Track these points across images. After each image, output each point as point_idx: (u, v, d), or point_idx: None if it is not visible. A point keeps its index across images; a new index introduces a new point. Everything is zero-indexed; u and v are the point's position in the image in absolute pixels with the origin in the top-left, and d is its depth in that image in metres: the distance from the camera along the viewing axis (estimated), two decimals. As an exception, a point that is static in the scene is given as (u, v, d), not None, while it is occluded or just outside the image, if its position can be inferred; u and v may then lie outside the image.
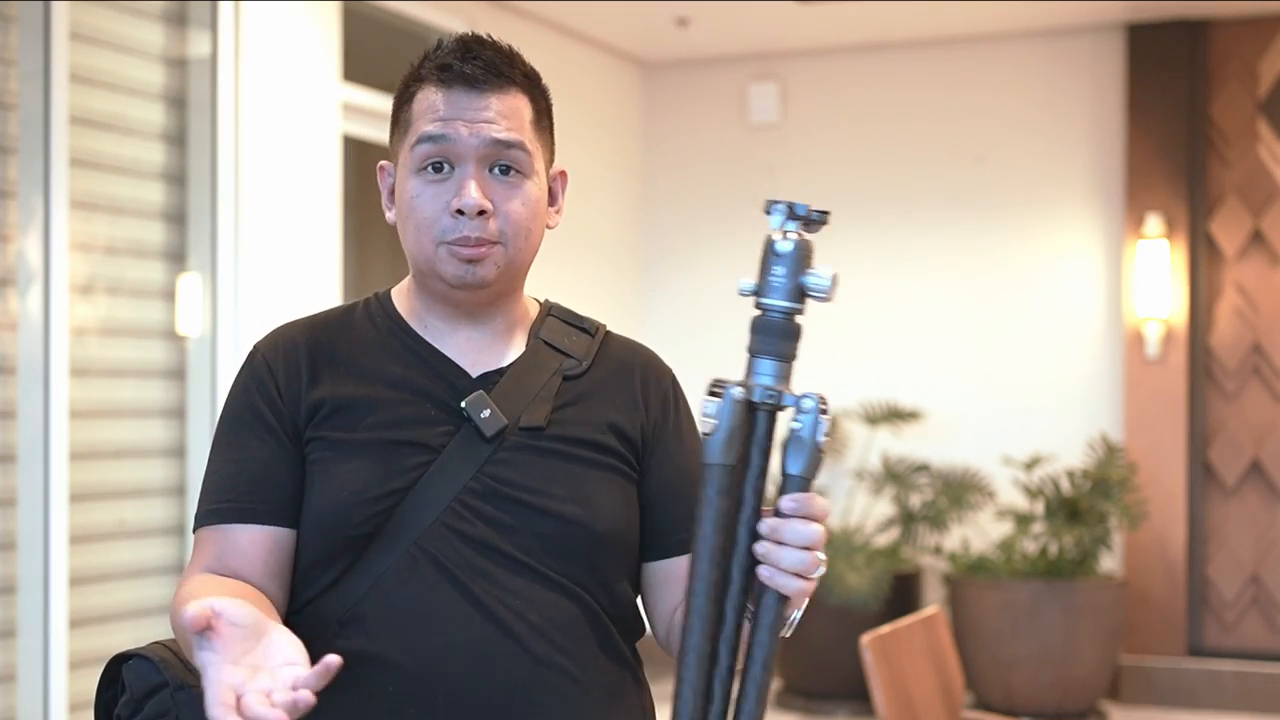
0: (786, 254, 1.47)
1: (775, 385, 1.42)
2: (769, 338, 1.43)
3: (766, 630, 1.42)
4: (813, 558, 1.43)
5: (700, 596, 1.39)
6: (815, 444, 1.42)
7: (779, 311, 1.43)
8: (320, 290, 5.11)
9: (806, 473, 1.43)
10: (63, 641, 4.18)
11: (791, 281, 1.45)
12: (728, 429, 1.41)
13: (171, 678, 1.70)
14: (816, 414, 1.43)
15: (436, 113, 1.66)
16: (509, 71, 1.68)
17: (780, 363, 1.43)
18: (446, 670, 1.58)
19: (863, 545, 6.41)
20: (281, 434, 1.66)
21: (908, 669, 3.15)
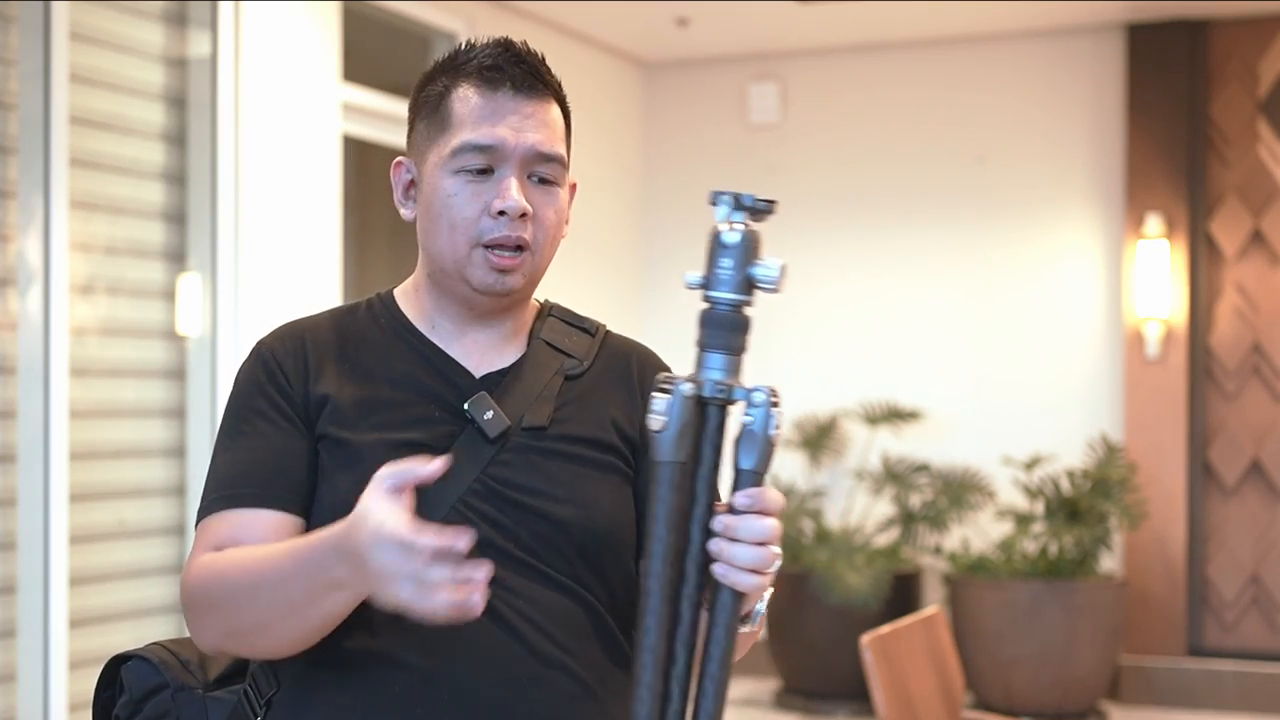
0: (733, 245, 1.43)
1: (725, 379, 1.40)
2: (717, 331, 1.40)
3: (723, 628, 1.40)
4: (767, 553, 1.42)
5: (655, 596, 1.38)
6: (767, 437, 1.40)
7: (727, 304, 1.41)
8: (320, 290, 5.11)
9: (759, 467, 1.41)
10: (63, 641, 4.18)
11: (739, 273, 1.43)
12: (678, 425, 1.39)
13: (171, 679, 1.70)
14: (768, 407, 1.40)
15: (483, 118, 1.65)
16: (549, 79, 1.71)
17: (730, 356, 1.41)
18: (452, 670, 1.58)
19: (863, 545, 6.42)
20: (296, 421, 1.66)
21: (908, 669, 3.15)
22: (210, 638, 1.61)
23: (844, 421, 6.96)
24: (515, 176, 1.65)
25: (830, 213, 7.18)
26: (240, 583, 1.55)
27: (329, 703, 1.61)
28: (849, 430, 6.97)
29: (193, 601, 1.60)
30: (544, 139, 1.66)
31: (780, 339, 7.22)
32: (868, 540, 6.54)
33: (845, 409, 6.95)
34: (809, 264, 7.21)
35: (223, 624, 1.58)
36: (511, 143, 1.64)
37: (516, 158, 1.65)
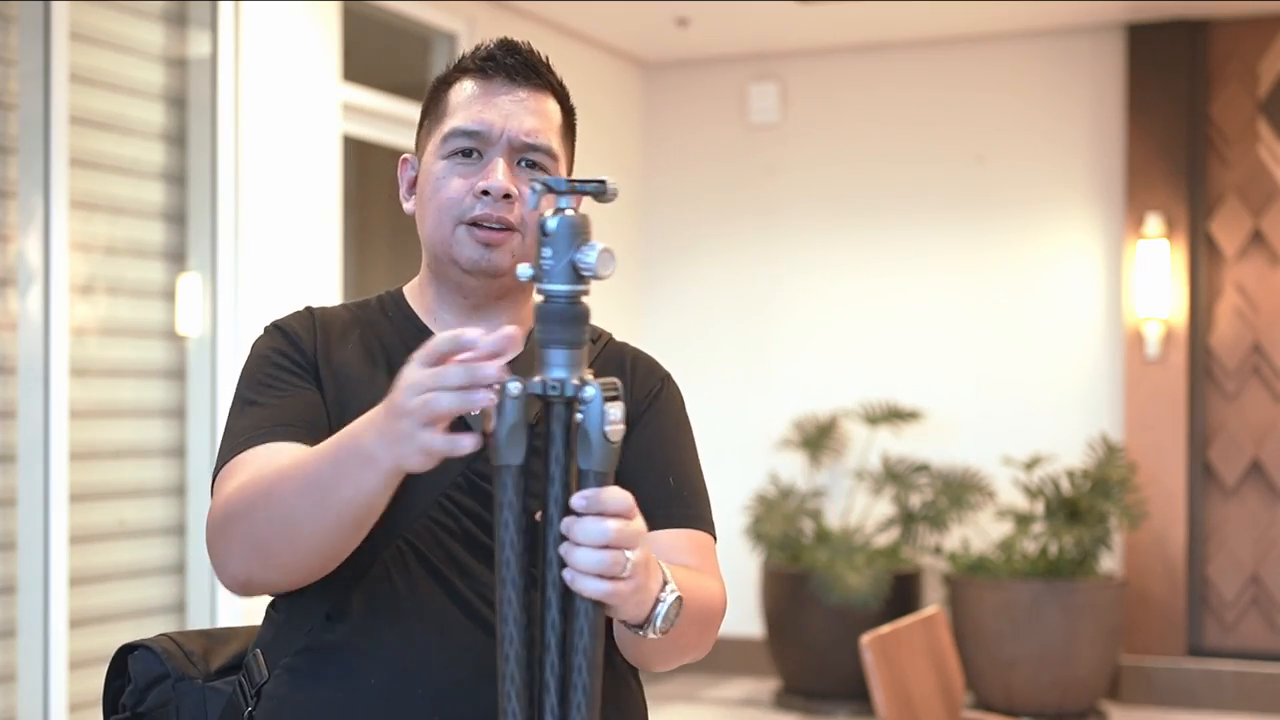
0: (553, 233, 1.32)
1: (564, 375, 1.32)
2: (550, 325, 1.32)
3: (585, 637, 1.32)
4: (613, 556, 1.32)
5: (509, 621, 1.31)
6: (602, 434, 1.31)
7: (559, 297, 1.31)
8: (320, 290, 5.11)
9: (599, 466, 1.32)
10: (63, 641, 4.18)
11: (562, 262, 1.32)
12: (507, 426, 1.32)
13: (172, 668, 1.73)
14: (600, 403, 1.31)
15: (474, 103, 1.69)
16: (546, 74, 1.74)
17: (569, 350, 1.32)
18: (428, 663, 1.60)
19: (863, 545, 6.42)
20: (312, 382, 1.67)
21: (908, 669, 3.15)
22: (237, 563, 1.56)
23: (844, 421, 6.96)
24: (501, 158, 1.68)
25: (830, 213, 7.18)
26: (268, 486, 1.51)
27: (312, 694, 1.62)
28: (849, 430, 6.97)
29: (224, 522, 1.56)
30: (534, 127, 1.70)
31: (780, 339, 7.22)
32: (868, 540, 6.54)
33: (845, 409, 6.95)
34: (808, 264, 7.21)
35: (251, 540, 1.53)
36: (499, 127, 1.68)
37: (504, 142, 1.68)
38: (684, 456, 1.76)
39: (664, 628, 1.46)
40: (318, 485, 1.46)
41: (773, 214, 7.26)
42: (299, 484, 1.48)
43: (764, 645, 6.63)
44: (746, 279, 7.27)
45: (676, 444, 1.76)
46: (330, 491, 1.45)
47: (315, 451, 1.48)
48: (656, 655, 1.63)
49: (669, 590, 1.47)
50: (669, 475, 1.72)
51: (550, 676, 1.32)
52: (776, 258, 7.25)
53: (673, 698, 6.46)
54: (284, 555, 1.53)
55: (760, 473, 7.03)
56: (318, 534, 1.49)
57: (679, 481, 1.72)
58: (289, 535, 1.50)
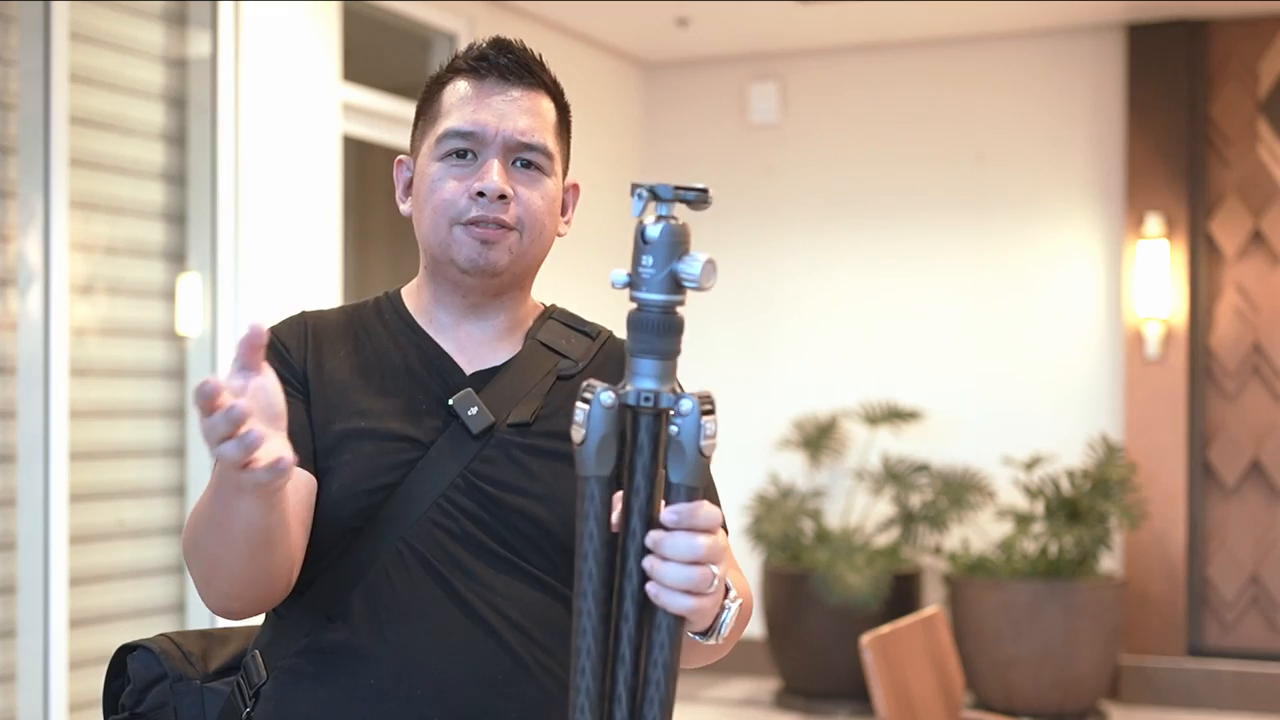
0: (654, 241, 1.28)
1: (655, 386, 1.28)
2: (644, 335, 1.28)
3: (663, 651, 1.29)
4: (701, 572, 1.30)
5: (587, 633, 1.28)
6: (697, 448, 1.29)
7: (655, 306, 1.28)
8: (320, 290, 5.11)
9: (690, 480, 1.30)
10: (63, 641, 4.18)
11: (663, 271, 1.28)
12: (599, 437, 1.28)
13: (170, 669, 1.73)
14: (697, 416, 1.28)
15: (467, 104, 1.69)
16: (540, 72, 1.73)
17: (661, 361, 1.28)
18: (427, 665, 1.60)
19: (863, 545, 6.42)
20: (299, 392, 1.68)
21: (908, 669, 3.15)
22: (201, 593, 1.62)
23: (844, 421, 6.96)
24: (496, 159, 1.68)
25: (830, 213, 7.18)
26: (193, 526, 1.57)
27: (310, 694, 1.63)
28: (849, 430, 6.97)
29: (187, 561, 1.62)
30: (528, 126, 1.69)
31: (780, 339, 7.22)
32: (868, 540, 6.54)
33: (845, 409, 6.95)
34: (809, 264, 7.21)
35: (198, 574, 1.59)
36: (493, 127, 1.68)
37: (498, 143, 1.68)
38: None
39: (726, 635, 1.46)
40: (215, 521, 1.50)
41: (773, 214, 7.26)
42: (206, 523, 1.53)
43: (764, 645, 6.63)
44: (746, 279, 7.27)
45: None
46: (225, 524, 1.49)
47: (209, 488, 1.52)
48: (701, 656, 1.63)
49: (732, 598, 1.46)
50: None
51: (623, 688, 1.30)
52: (776, 258, 7.24)
53: (673, 698, 6.46)
54: (226, 586, 1.57)
55: (760, 473, 7.03)
56: (237, 563, 1.53)
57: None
58: (218, 570, 1.55)
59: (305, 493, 1.63)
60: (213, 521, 1.50)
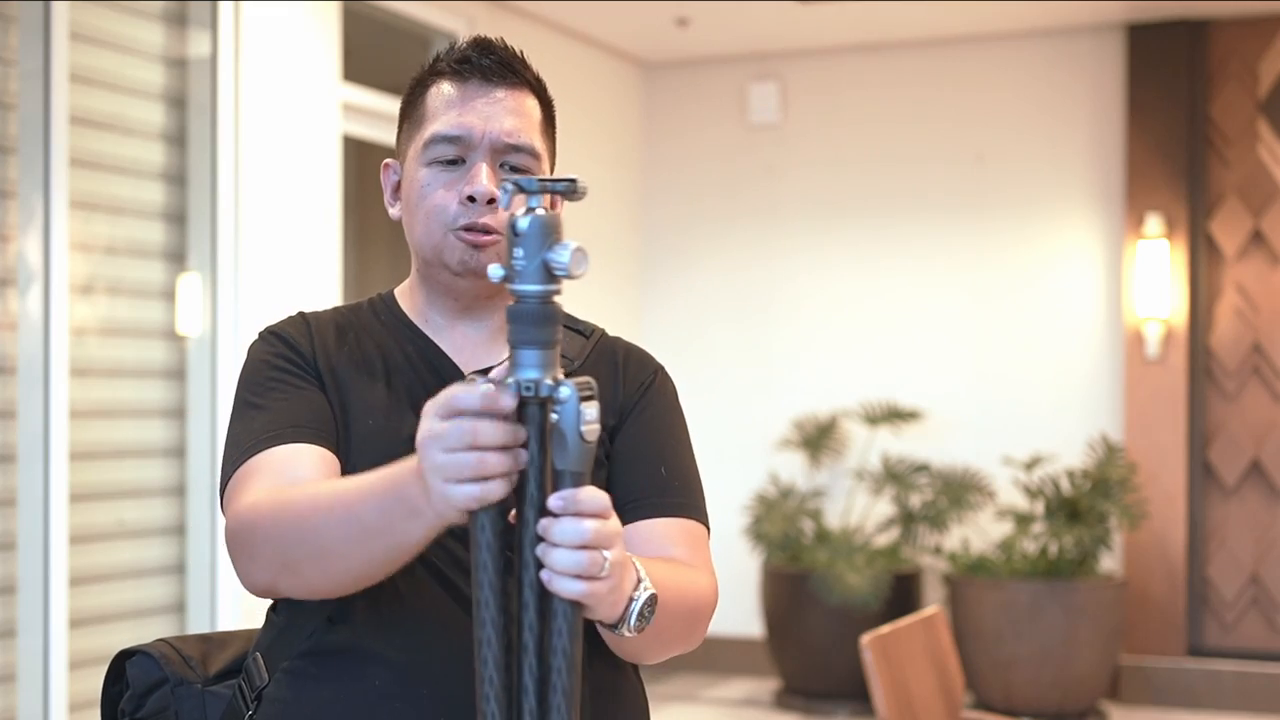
0: (524, 233, 1.30)
1: (537, 375, 1.30)
2: (523, 326, 1.31)
3: (562, 638, 1.31)
4: (590, 557, 1.30)
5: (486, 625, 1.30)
6: (577, 434, 1.30)
7: (532, 297, 1.31)
8: (320, 290, 5.11)
9: (575, 466, 1.31)
10: (63, 641, 4.18)
11: (534, 261, 1.31)
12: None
13: (171, 673, 1.72)
14: (576, 402, 1.30)
15: (452, 107, 1.69)
16: (523, 71, 1.72)
17: (543, 350, 1.31)
18: (432, 665, 1.59)
19: (863, 545, 6.42)
20: (314, 381, 1.67)
21: (908, 669, 3.15)
22: (262, 573, 1.56)
23: (844, 421, 6.96)
24: (484, 163, 1.67)
25: (830, 213, 7.18)
26: (307, 510, 1.50)
27: (313, 696, 1.62)
28: (849, 430, 6.97)
29: (247, 535, 1.55)
30: (514, 127, 1.68)
31: (780, 339, 7.22)
32: (868, 540, 6.54)
33: (845, 409, 6.95)
34: (809, 263, 7.21)
35: (280, 556, 1.52)
36: (479, 130, 1.67)
37: (486, 145, 1.67)
38: (677, 447, 1.75)
39: (638, 626, 1.45)
40: (362, 526, 1.45)
41: (773, 214, 7.26)
42: (340, 520, 1.47)
43: (764, 645, 6.63)
44: (746, 279, 7.27)
45: (669, 434, 1.76)
46: (374, 534, 1.44)
47: (358, 489, 1.47)
48: (641, 649, 1.62)
49: (643, 588, 1.46)
50: (660, 465, 1.72)
51: (529, 678, 1.31)
52: (776, 258, 7.24)
53: (673, 698, 6.46)
54: (315, 578, 1.53)
55: (760, 473, 7.03)
56: (355, 567, 1.49)
57: (670, 471, 1.72)
58: (323, 563, 1.50)
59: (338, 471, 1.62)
60: (358, 528, 1.45)
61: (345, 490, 1.49)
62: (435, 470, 1.32)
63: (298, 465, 1.58)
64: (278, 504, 1.53)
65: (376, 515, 1.43)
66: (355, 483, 1.49)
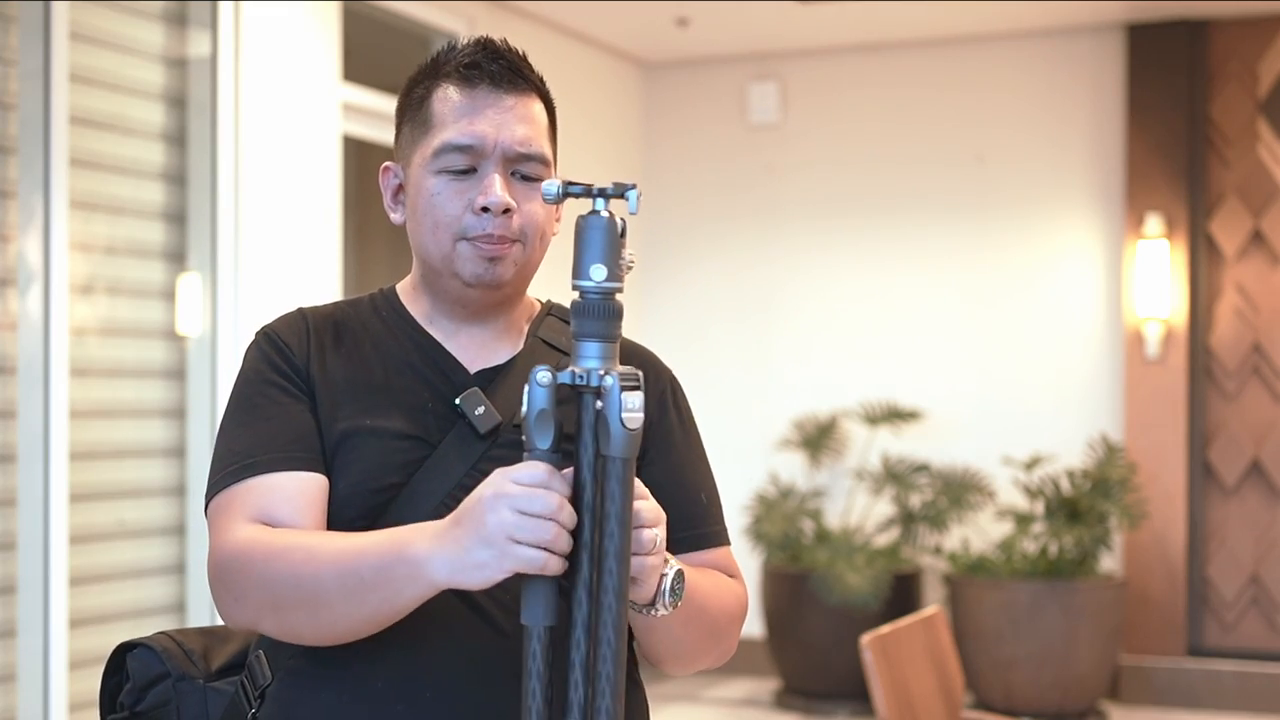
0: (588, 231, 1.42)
1: (594, 366, 1.41)
2: (586, 320, 1.41)
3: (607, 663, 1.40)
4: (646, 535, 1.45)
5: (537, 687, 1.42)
6: (620, 421, 1.39)
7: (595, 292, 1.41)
8: (320, 291, 5.11)
9: (618, 452, 1.40)
10: (63, 641, 4.18)
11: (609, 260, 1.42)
12: (536, 412, 1.42)
13: (173, 668, 1.72)
14: (618, 392, 1.40)
15: (461, 115, 1.66)
16: (530, 74, 1.71)
17: (604, 344, 1.41)
18: (433, 666, 1.59)
19: (863, 545, 6.42)
20: (304, 394, 1.66)
21: (908, 669, 3.15)
22: (246, 613, 1.57)
23: (844, 421, 6.96)
24: (497, 173, 1.66)
25: (830, 213, 7.18)
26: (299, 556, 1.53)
27: (316, 695, 1.61)
28: (849, 430, 6.97)
29: (236, 575, 1.56)
30: (525, 135, 1.67)
31: (780, 339, 7.22)
32: (868, 540, 6.54)
33: (845, 409, 6.95)
34: (809, 264, 7.21)
35: (269, 600, 1.54)
36: (492, 139, 1.65)
37: (498, 154, 1.66)
38: (706, 467, 1.80)
39: (672, 602, 1.51)
40: (359, 581, 1.49)
41: (773, 214, 7.26)
42: (337, 574, 1.50)
43: (764, 645, 6.63)
44: (746, 279, 7.27)
45: (700, 456, 1.80)
46: (371, 591, 1.48)
47: (359, 546, 1.50)
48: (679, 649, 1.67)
49: (670, 565, 1.52)
50: (701, 493, 1.76)
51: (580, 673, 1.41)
52: (777, 258, 7.24)
53: (673, 698, 6.46)
54: (302, 626, 1.55)
55: (760, 473, 7.03)
56: (347, 621, 1.52)
57: (709, 497, 1.77)
58: (314, 614, 1.53)
59: (321, 495, 1.62)
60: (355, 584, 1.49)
61: (343, 543, 1.52)
62: (503, 526, 1.39)
63: (277, 497, 1.59)
64: (271, 550, 1.54)
65: (375, 573, 1.48)
66: (355, 539, 1.52)
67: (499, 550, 1.39)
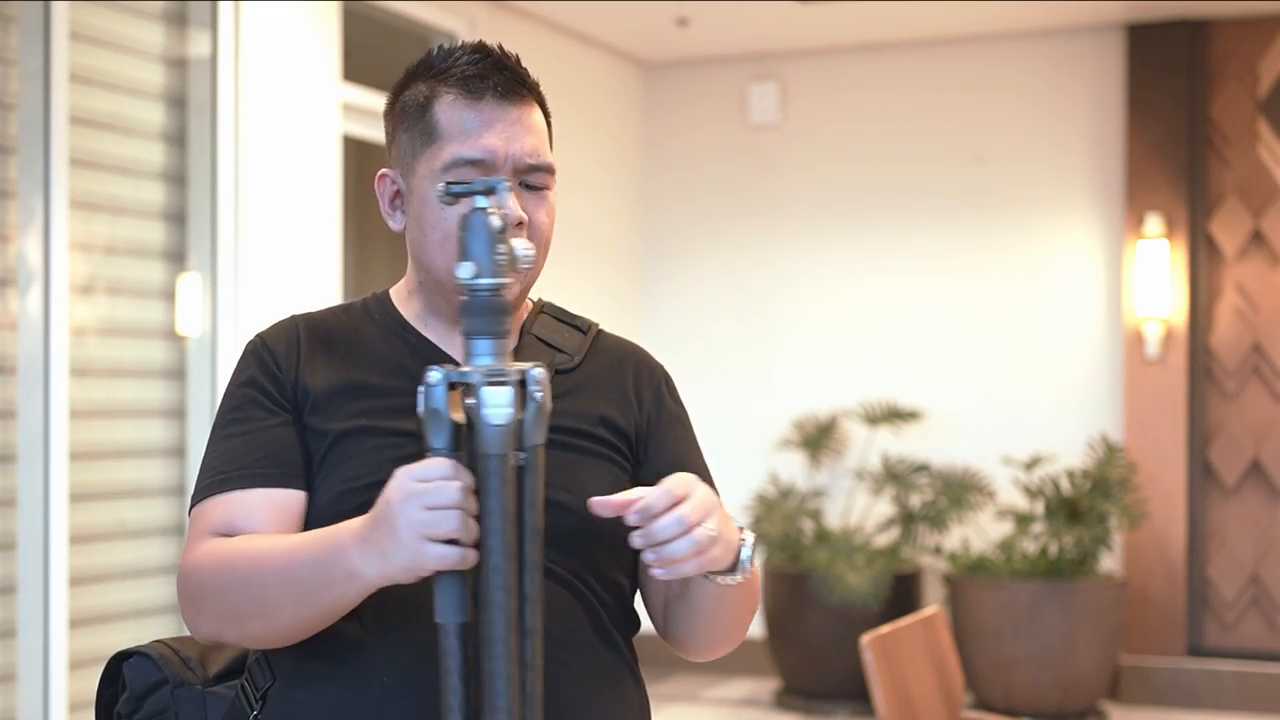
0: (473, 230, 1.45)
1: (478, 364, 1.43)
2: (475, 318, 1.43)
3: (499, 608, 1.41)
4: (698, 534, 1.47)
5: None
6: (481, 418, 1.41)
7: (484, 290, 1.43)
8: (320, 290, 5.11)
9: (484, 449, 1.41)
10: (63, 641, 4.18)
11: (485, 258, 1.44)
12: (429, 412, 1.43)
13: (171, 675, 1.72)
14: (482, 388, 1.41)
15: (470, 128, 1.65)
16: (530, 82, 1.70)
17: (496, 340, 1.44)
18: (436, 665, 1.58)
19: (863, 545, 6.42)
20: (286, 408, 1.67)
21: (908, 669, 3.15)
22: (208, 625, 1.61)
23: (844, 421, 6.96)
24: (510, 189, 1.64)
25: (830, 213, 7.18)
26: (246, 568, 1.56)
27: (319, 696, 1.61)
28: (849, 430, 6.97)
29: (194, 589, 1.60)
30: (533, 147, 1.67)
31: (780, 339, 7.22)
32: (868, 540, 6.54)
33: (845, 409, 6.95)
34: (809, 264, 7.21)
35: (224, 610, 1.58)
36: (502, 153, 1.65)
37: (509, 167, 1.65)
38: (702, 461, 1.80)
39: (748, 569, 1.58)
40: (299, 585, 1.52)
41: (773, 214, 7.26)
42: (279, 578, 1.54)
43: (764, 645, 6.63)
44: (746, 279, 7.27)
45: (695, 449, 1.81)
46: (311, 593, 1.52)
47: (293, 549, 1.54)
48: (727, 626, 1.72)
49: (747, 533, 1.59)
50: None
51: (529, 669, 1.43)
52: (776, 258, 7.24)
53: (673, 698, 6.46)
54: (258, 632, 1.59)
55: (760, 473, 7.03)
56: (295, 622, 1.55)
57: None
58: (265, 620, 1.57)
59: (289, 510, 1.63)
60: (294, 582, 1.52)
61: (282, 549, 1.55)
62: (415, 525, 1.40)
63: (241, 513, 1.62)
64: (221, 561, 1.58)
65: (313, 575, 1.51)
66: (291, 542, 1.55)
67: (415, 550, 1.41)
